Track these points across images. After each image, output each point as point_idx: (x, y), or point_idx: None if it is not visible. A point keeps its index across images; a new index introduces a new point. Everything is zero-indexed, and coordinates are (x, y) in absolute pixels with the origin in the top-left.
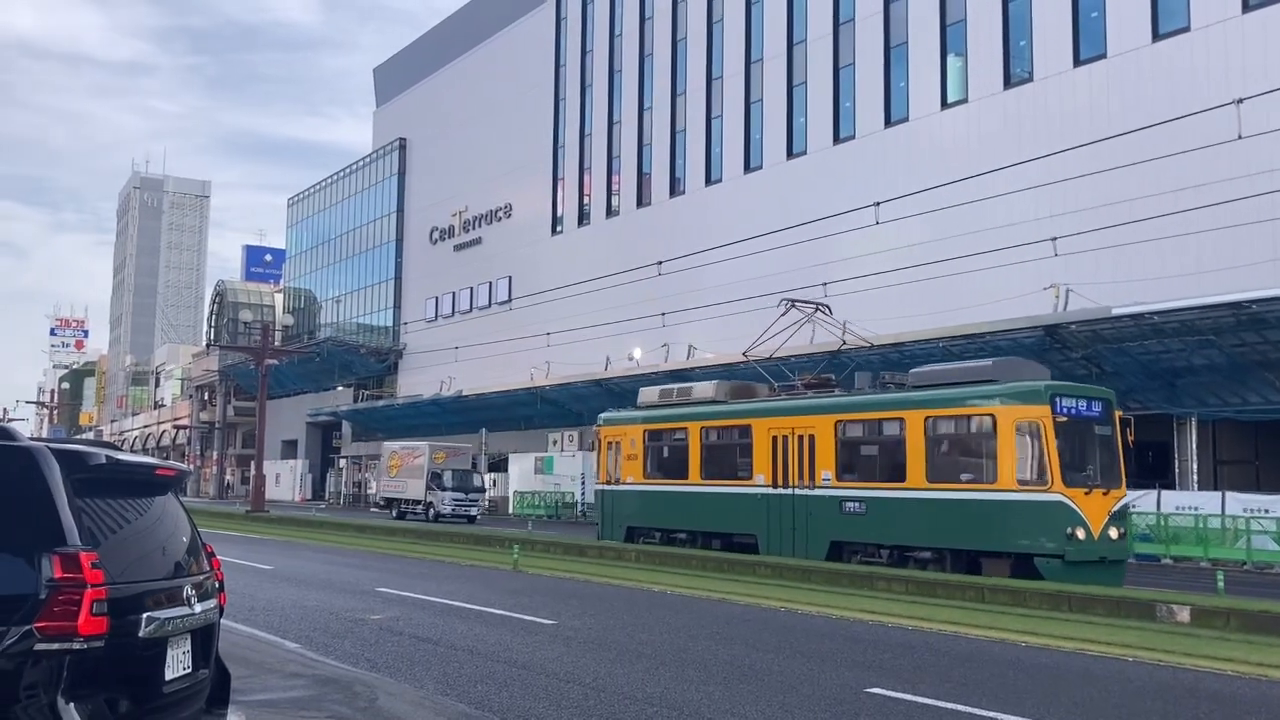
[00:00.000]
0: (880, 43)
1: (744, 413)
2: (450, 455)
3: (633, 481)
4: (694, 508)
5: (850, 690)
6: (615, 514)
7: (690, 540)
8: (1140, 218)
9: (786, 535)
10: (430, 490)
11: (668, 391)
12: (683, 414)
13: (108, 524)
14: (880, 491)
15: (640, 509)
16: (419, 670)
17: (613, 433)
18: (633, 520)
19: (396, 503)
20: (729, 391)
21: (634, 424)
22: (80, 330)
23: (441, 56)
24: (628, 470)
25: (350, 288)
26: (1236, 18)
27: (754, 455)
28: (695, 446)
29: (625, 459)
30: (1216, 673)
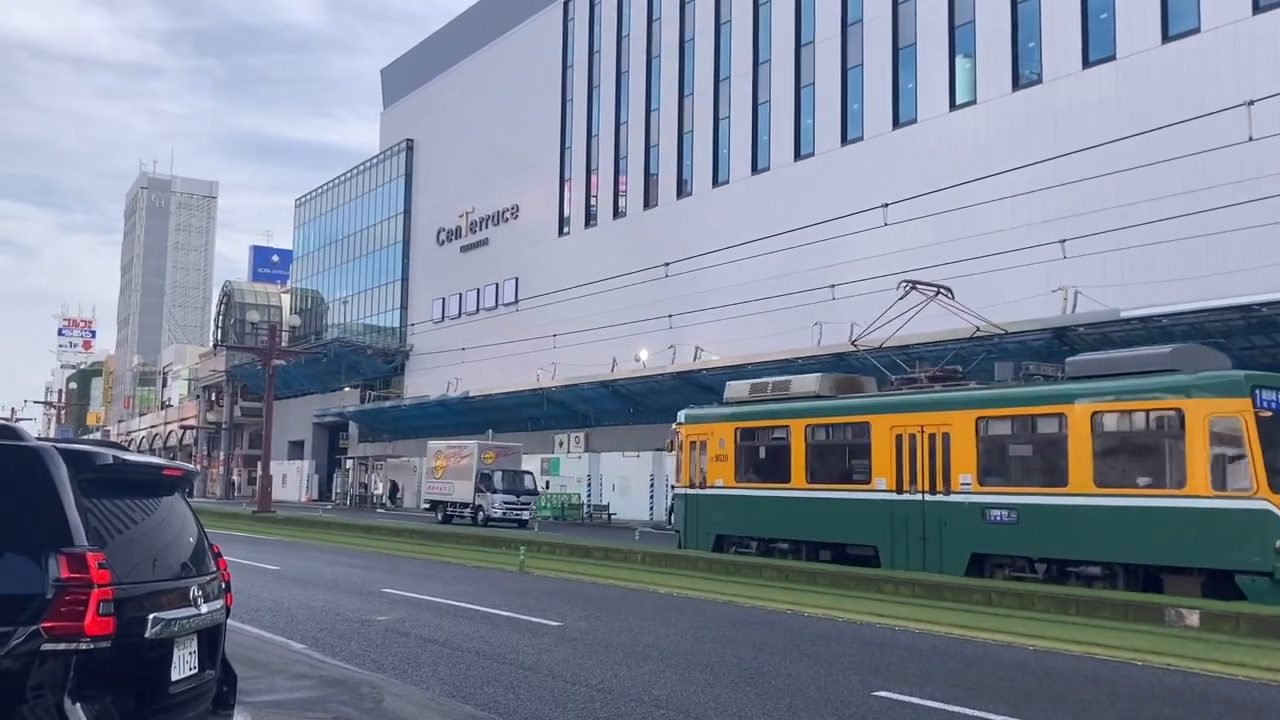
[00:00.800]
0: (888, 44)
1: (860, 408)
2: (500, 455)
3: (722, 485)
4: (798, 515)
5: (858, 693)
6: (701, 521)
7: (793, 551)
8: (1149, 220)
9: (914, 547)
10: (479, 493)
11: (760, 386)
12: (783, 410)
13: (114, 524)
14: (1035, 498)
15: (732, 516)
16: (425, 671)
17: (696, 431)
18: (723, 528)
19: (442, 506)
20: (834, 386)
21: (723, 422)
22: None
23: (448, 58)
24: (715, 473)
25: (357, 288)
26: (1247, 19)
27: (873, 456)
28: (799, 446)
29: (712, 460)
30: (1227, 677)
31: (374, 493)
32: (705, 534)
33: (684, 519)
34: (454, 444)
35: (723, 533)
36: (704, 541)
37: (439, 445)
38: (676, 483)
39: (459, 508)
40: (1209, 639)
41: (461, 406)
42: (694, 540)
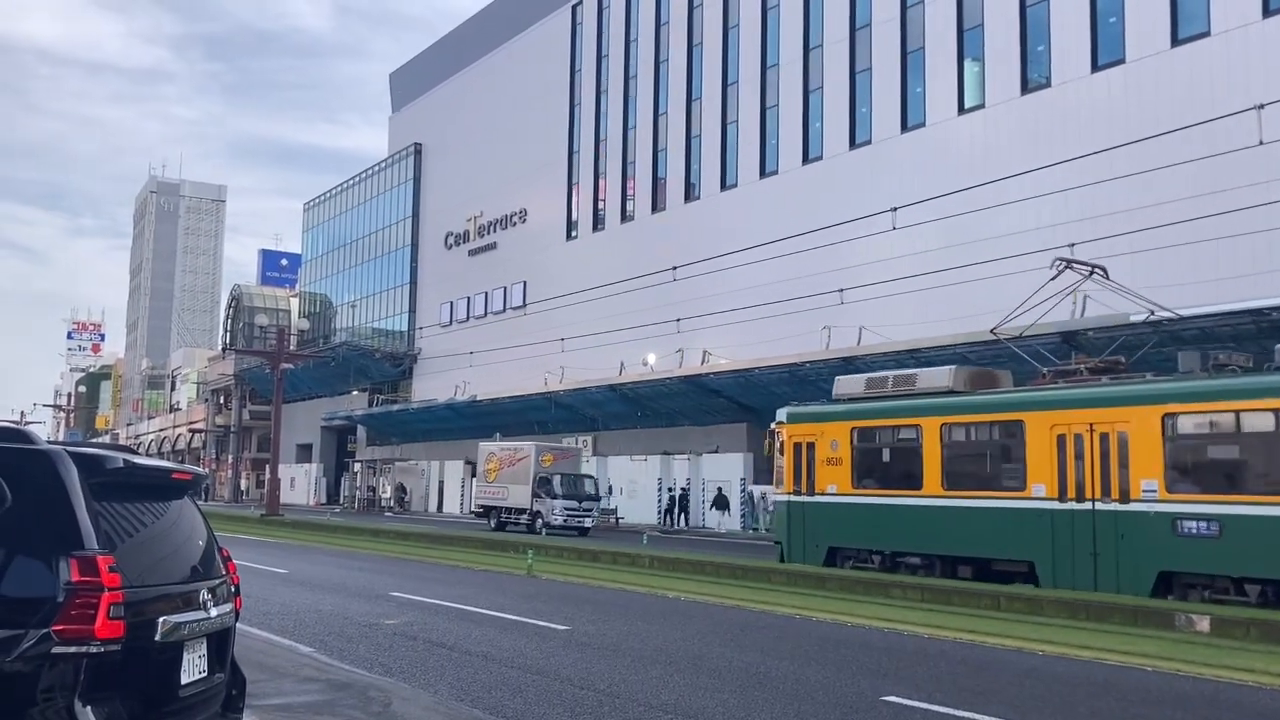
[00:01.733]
0: (897, 48)
1: (1011, 405)
2: (558, 457)
3: (836, 492)
4: (933, 526)
5: (866, 698)
6: (810, 532)
7: (925, 567)
8: (1159, 224)
9: (1083, 563)
10: (537, 498)
11: (878, 381)
12: (911, 408)
13: (125, 528)
14: (1244, 507)
15: (848, 526)
16: (433, 675)
17: (802, 431)
18: (837, 540)
19: (495, 511)
20: (968, 380)
21: (835, 420)
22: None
23: (457, 62)
24: (827, 478)
25: (365, 292)
26: (1257, 22)
27: (1028, 459)
28: (933, 448)
29: (823, 464)
30: (1237, 683)
31: (382, 496)
32: (815, 546)
33: (787, 529)
34: (508, 444)
35: (837, 545)
36: (813, 554)
37: (491, 446)
38: (776, 489)
39: (514, 514)
40: (1219, 644)
41: (469, 410)
42: (800, 553)
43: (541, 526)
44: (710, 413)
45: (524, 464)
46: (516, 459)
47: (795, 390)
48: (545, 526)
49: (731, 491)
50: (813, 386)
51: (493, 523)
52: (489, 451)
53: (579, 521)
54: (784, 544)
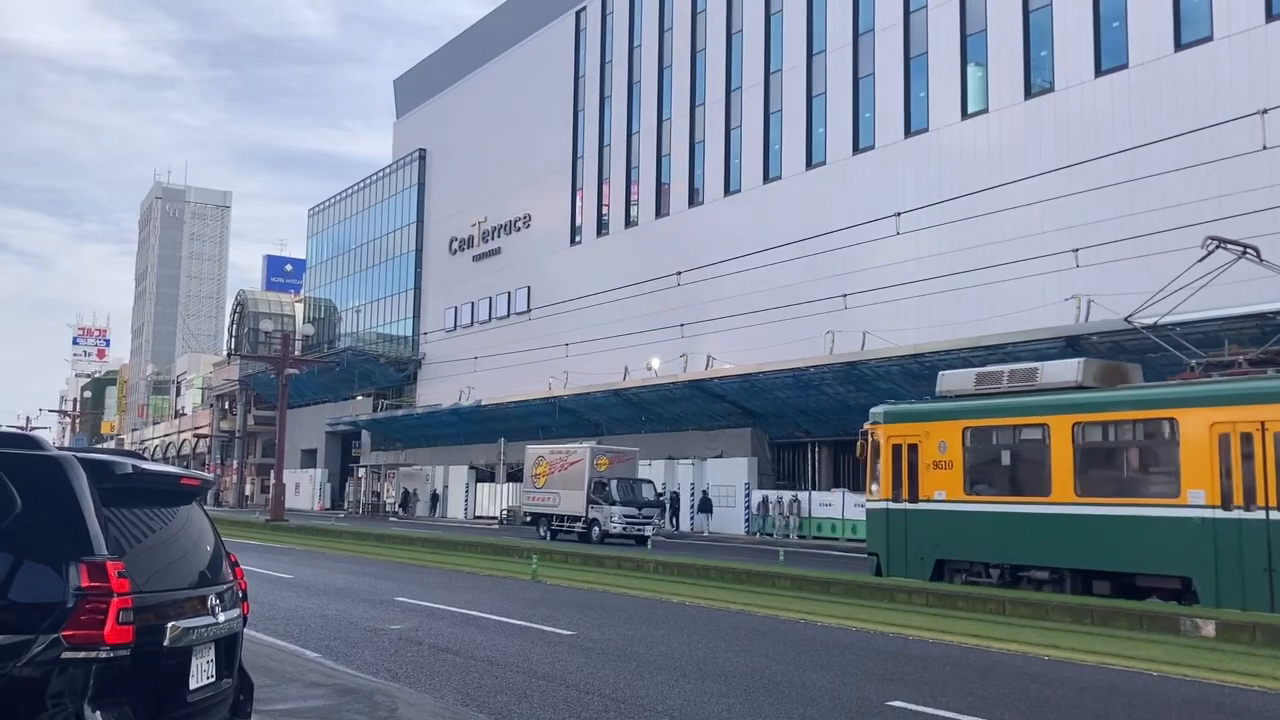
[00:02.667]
0: (900, 53)
1: (1162, 401)
2: (614, 461)
3: (944, 498)
4: (1063, 537)
5: (872, 704)
6: (914, 543)
7: (1054, 582)
8: (1162, 228)
9: (1255, 580)
10: (593, 504)
11: (991, 376)
12: (1035, 405)
13: (133, 533)
14: None
15: (960, 537)
16: (439, 680)
17: (902, 432)
18: (946, 551)
19: (546, 519)
20: (1099, 374)
21: (943, 420)
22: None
23: (461, 68)
24: (933, 483)
25: (370, 298)
26: (1260, 27)
27: (1182, 461)
28: (1064, 449)
29: (928, 468)
30: (1243, 688)
31: (386, 501)
32: (919, 558)
33: (885, 540)
34: (559, 447)
35: (946, 557)
36: (917, 567)
37: (540, 449)
38: (870, 495)
39: (567, 521)
40: (1225, 649)
41: (474, 415)
42: (901, 565)
43: (599, 535)
44: (714, 417)
45: (577, 468)
46: (569, 463)
47: (799, 395)
48: (603, 535)
49: (735, 496)
50: (816, 391)
51: (543, 531)
52: (537, 455)
53: (639, 530)
54: (881, 556)
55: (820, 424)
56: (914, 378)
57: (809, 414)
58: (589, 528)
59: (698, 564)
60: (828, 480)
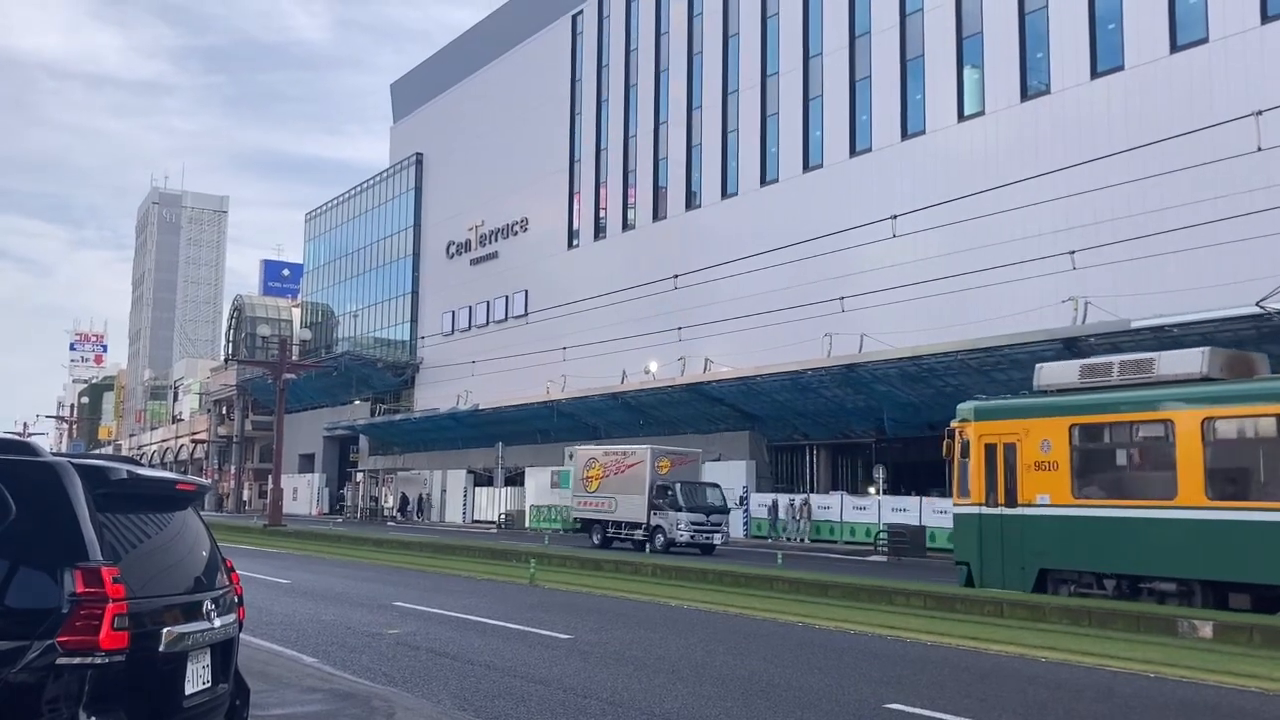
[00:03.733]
0: (896, 55)
1: None
2: (676, 463)
3: (1049, 502)
4: (1194, 544)
5: (869, 706)
6: (1012, 551)
7: (1183, 594)
8: (1159, 230)
9: None
10: (657, 510)
11: (1098, 368)
12: (1158, 398)
13: (129, 539)
14: None
15: (1068, 544)
16: (436, 685)
17: (998, 429)
18: (1052, 560)
19: (599, 525)
20: (1225, 364)
21: (1046, 416)
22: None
23: (458, 72)
24: (1036, 485)
25: (367, 302)
26: (1255, 29)
27: None
28: (1191, 448)
29: (1029, 468)
30: (1240, 689)
31: (385, 506)
32: (1019, 568)
33: (978, 548)
34: (614, 448)
35: (1051, 567)
36: (1017, 577)
37: (592, 450)
38: (959, 499)
39: (625, 529)
40: (1222, 651)
41: (471, 419)
42: (997, 575)
43: (663, 544)
44: (712, 420)
45: (637, 470)
46: (626, 465)
47: (797, 398)
48: (667, 544)
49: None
50: (814, 394)
51: (596, 539)
52: (589, 456)
53: (707, 538)
54: (973, 566)
55: (818, 427)
56: (912, 380)
57: (807, 417)
58: (650, 536)
59: (695, 567)
60: (826, 483)
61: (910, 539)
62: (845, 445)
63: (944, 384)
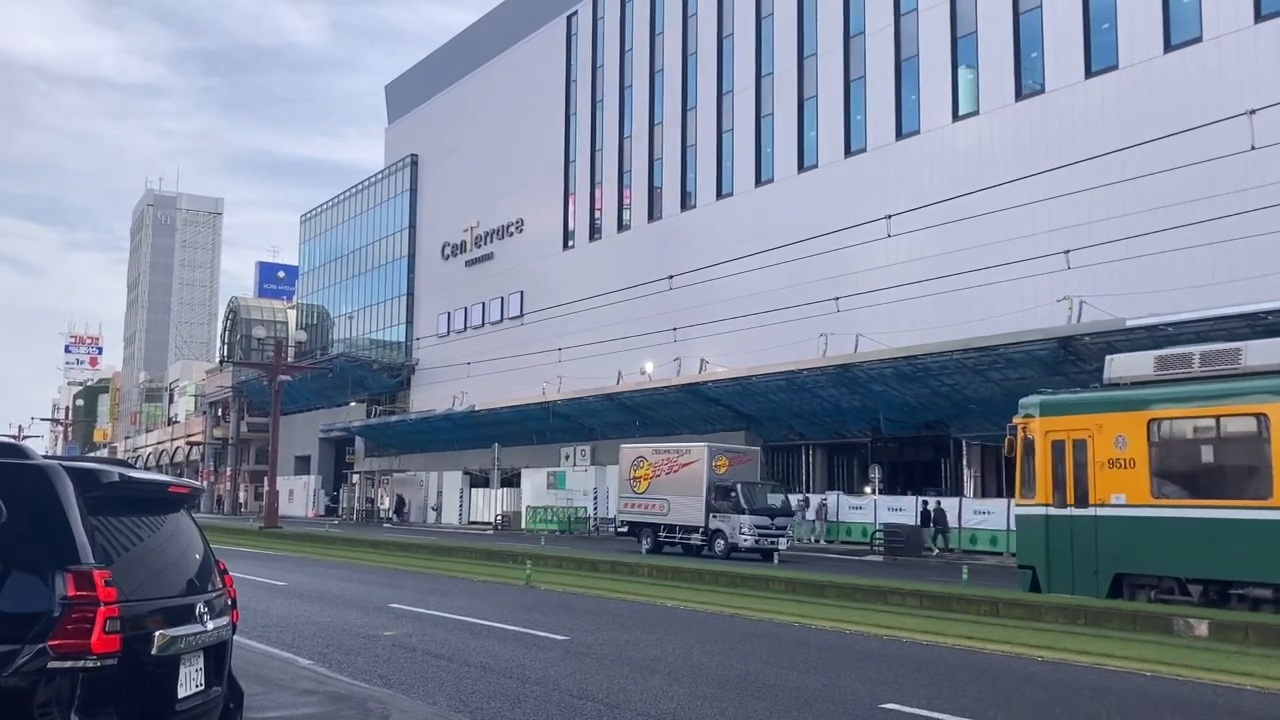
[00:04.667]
0: (891, 55)
1: None
2: (734, 461)
3: (1124, 502)
4: None
5: (865, 706)
6: (1084, 554)
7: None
8: (1154, 229)
9: None
10: (716, 514)
11: (1176, 359)
12: (1248, 390)
13: (121, 541)
14: None
15: (1146, 547)
16: (432, 687)
17: (1067, 425)
18: (1130, 564)
19: (649, 529)
20: None
21: (1118, 410)
22: (94, 347)
23: (453, 73)
24: (1109, 484)
25: (363, 303)
26: (1249, 28)
27: None
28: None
29: (1101, 466)
30: (1236, 687)
31: (380, 507)
32: (1092, 572)
33: (1045, 551)
34: (665, 446)
35: (1128, 571)
36: (1088, 582)
37: (640, 448)
38: (1023, 499)
39: (680, 533)
40: (1218, 649)
41: (467, 420)
42: (1067, 579)
43: (724, 549)
44: (708, 421)
45: (692, 470)
46: (680, 463)
47: (792, 398)
48: (729, 549)
49: None
50: (810, 394)
51: (646, 544)
52: (637, 455)
53: (772, 543)
54: (1040, 570)
55: (813, 427)
56: (907, 380)
57: (802, 417)
58: (709, 540)
59: (691, 567)
60: (821, 483)
61: (906, 539)
62: (841, 445)
63: (939, 384)
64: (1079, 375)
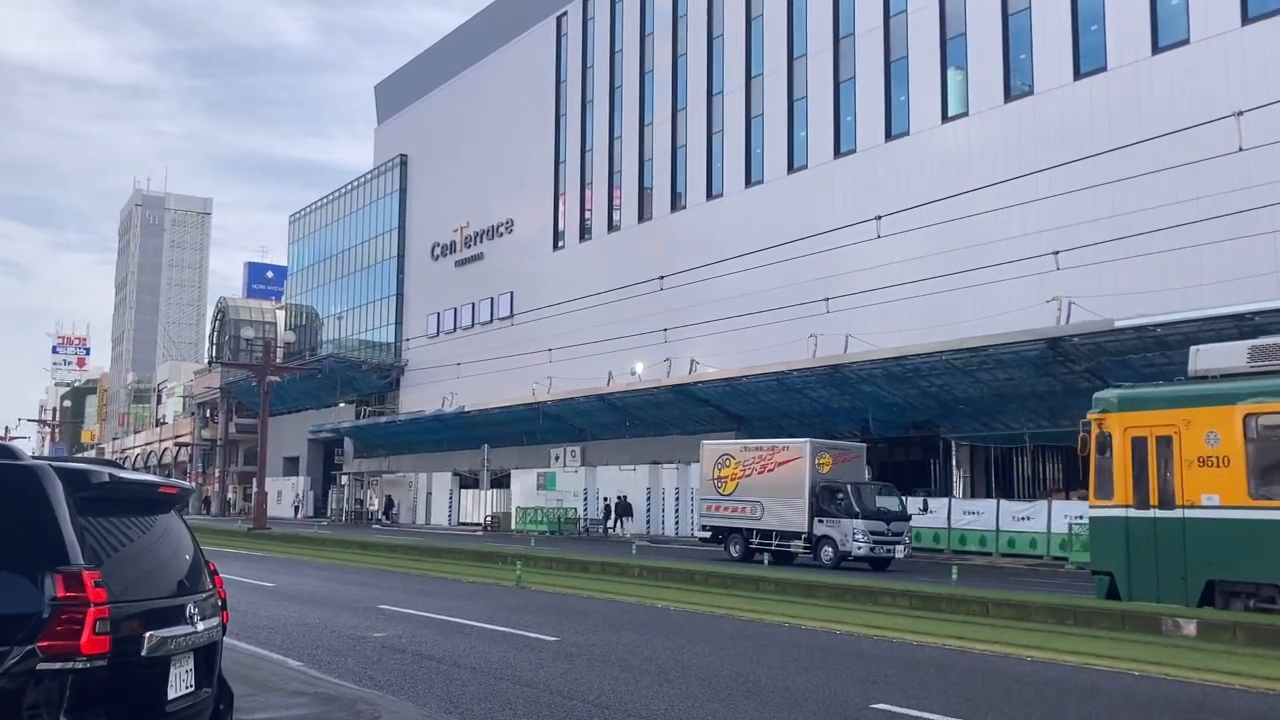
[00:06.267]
0: (880, 56)
1: None
2: (838, 459)
3: (1218, 504)
4: None
5: (855, 706)
6: (1170, 559)
7: None
8: (1142, 230)
9: None
10: (824, 518)
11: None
12: None
13: (110, 542)
14: None
15: (1244, 553)
16: (421, 688)
17: (1147, 421)
18: (1223, 570)
19: (739, 534)
20: None
21: (1209, 404)
22: (82, 348)
23: (442, 73)
24: (1199, 484)
25: (352, 304)
26: (1236, 30)
27: None
28: None
29: (1190, 465)
30: (1224, 687)
31: (370, 508)
32: (1179, 578)
33: (1125, 555)
34: (755, 443)
35: (1222, 577)
36: (1175, 589)
37: (726, 445)
38: (1098, 500)
39: (777, 539)
40: (1206, 648)
41: (457, 421)
42: (1150, 586)
43: (833, 558)
44: (698, 421)
45: (791, 469)
46: (777, 461)
47: (782, 398)
48: (839, 557)
49: None
50: (800, 394)
51: (734, 550)
52: (722, 453)
53: (888, 550)
54: (1119, 575)
55: (804, 427)
56: (897, 380)
57: (792, 417)
58: (814, 547)
59: (682, 568)
60: None
61: None
62: None
63: (928, 384)
64: (1067, 376)
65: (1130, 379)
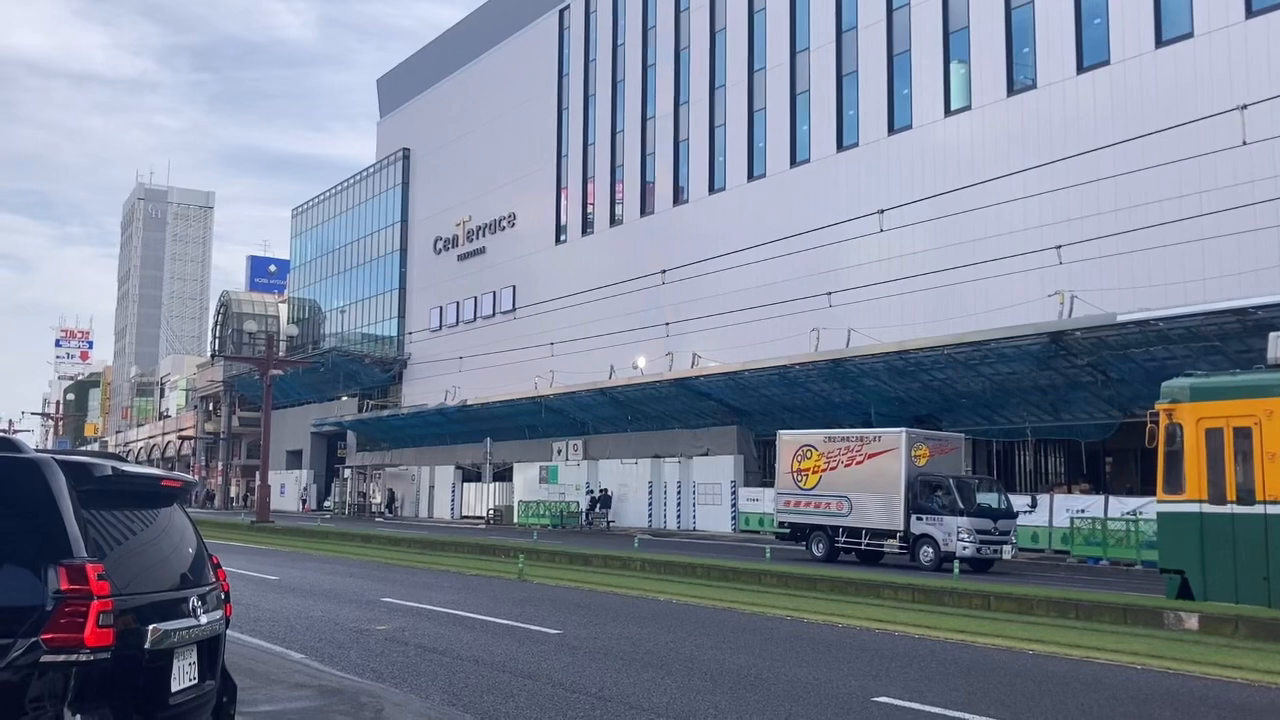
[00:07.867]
0: (883, 50)
1: None
2: (935, 451)
3: None
4: None
5: (857, 699)
6: (1249, 558)
7: None
8: (1145, 224)
9: None
10: (923, 516)
11: None
12: None
13: (114, 535)
14: None
15: None
16: (425, 681)
17: (1223, 411)
18: None
19: (822, 532)
20: None
21: None
22: (85, 342)
23: (444, 67)
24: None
25: (354, 298)
26: (1240, 23)
27: None
28: None
29: (1272, 458)
30: (1226, 680)
31: (372, 502)
32: (1261, 578)
33: (1199, 553)
34: (840, 433)
35: None
36: (1255, 589)
37: (807, 436)
38: (1168, 495)
39: (867, 537)
40: (1208, 642)
41: (459, 415)
42: (1228, 586)
43: (933, 559)
44: (700, 415)
45: (884, 462)
46: (867, 453)
47: (784, 392)
48: (940, 558)
49: (721, 493)
50: (802, 389)
51: (818, 548)
52: (803, 443)
53: (994, 551)
54: (1193, 574)
55: (805, 421)
56: (898, 374)
57: (794, 411)
58: (911, 547)
59: (684, 561)
60: None
61: None
62: None
63: (930, 378)
64: (1070, 370)
65: (1134, 373)
